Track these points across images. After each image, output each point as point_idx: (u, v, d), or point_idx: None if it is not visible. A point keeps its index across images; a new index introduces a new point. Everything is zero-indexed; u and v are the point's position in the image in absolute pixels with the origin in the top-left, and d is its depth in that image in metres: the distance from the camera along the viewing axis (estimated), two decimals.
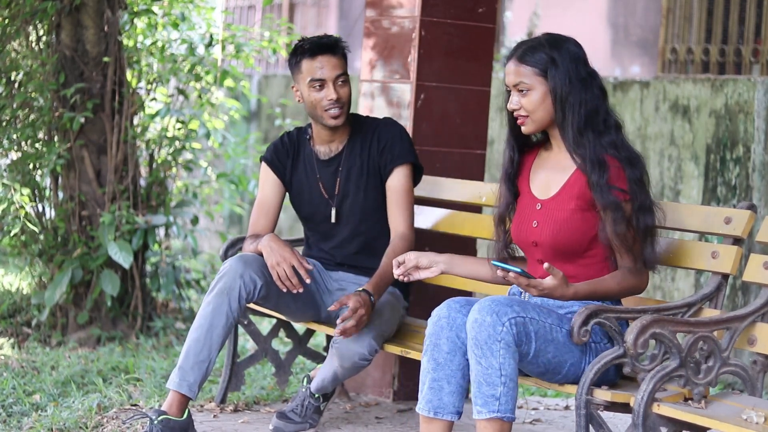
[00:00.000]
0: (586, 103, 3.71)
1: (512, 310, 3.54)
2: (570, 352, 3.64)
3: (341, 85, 4.44)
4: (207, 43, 6.76)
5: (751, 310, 3.68)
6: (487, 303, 3.56)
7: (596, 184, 3.67)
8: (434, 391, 3.69)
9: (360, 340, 4.28)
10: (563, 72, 3.71)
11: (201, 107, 6.85)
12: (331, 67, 4.42)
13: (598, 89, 3.75)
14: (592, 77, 3.75)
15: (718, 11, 6.97)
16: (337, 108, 4.42)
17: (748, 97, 6.10)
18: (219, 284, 4.32)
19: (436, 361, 3.69)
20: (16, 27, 6.36)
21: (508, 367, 3.53)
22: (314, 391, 4.54)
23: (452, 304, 3.71)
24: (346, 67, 4.47)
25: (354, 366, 4.34)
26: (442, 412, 3.69)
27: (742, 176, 6.11)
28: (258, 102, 9.98)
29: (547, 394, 5.64)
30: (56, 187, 6.54)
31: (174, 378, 4.28)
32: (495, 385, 3.53)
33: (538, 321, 3.58)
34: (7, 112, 6.40)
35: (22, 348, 6.21)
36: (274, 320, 5.07)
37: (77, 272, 6.33)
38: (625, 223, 3.66)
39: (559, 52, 3.73)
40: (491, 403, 3.54)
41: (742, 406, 3.55)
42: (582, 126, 3.71)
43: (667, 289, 6.45)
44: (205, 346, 4.28)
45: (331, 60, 4.42)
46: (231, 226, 10.10)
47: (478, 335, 3.53)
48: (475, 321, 3.54)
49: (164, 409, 4.25)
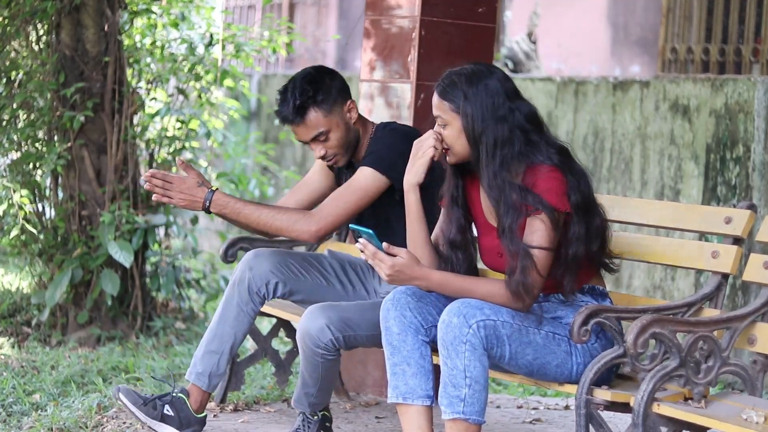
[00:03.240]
0: (502, 142, 3.61)
1: (481, 313, 3.53)
2: (552, 353, 3.63)
3: (323, 140, 4.24)
4: (207, 43, 6.76)
5: (751, 309, 3.69)
6: (457, 305, 3.55)
7: (507, 229, 3.58)
8: (398, 376, 3.71)
9: (312, 321, 4.03)
10: (476, 109, 3.62)
11: (201, 107, 6.85)
12: (302, 133, 4.24)
13: (518, 126, 3.63)
14: (512, 112, 3.63)
15: (718, 10, 6.97)
16: (330, 161, 4.31)
17: (748, 97, 6.10)
18: (232, 276, 4.37)
19: (391, 345, 3.71)
20: (16, 27, 6.36)
21: (473, 369, 3.53)
22: (293, 404, 4.32)
23: (399, 287, 3.73)
24: (322, 120, 4.20)
25: (309, 353, 4.06)
26: (411, 396, 3.69)
27: (742, 176, 6.11)
28: (258, 101, 9.98)
29: (547, 394, 5.64)
30: (56, 186, 6.54)
31: (189, 368, 4.34)
32: (460, 387, 3.54)
33: (511, 324, 3.57)
34: (7, 112, 6.40)
35: (22, 347, 6.21)
36: (274, 320, 5.07)
37: (77, 272, 6.33)
38: (534, 269, 3.55)
39: (476, 89, 3.63)
40: (455, 404, 3.55)
41: (742, 405, 3.55)
42: (496, 168, 3.60)
43: (667, 288, 6.45)
44: (216, 337, 4.30)
45: (297, 129, 4.24)
46: (231, 226, 10.10)
47: (445, 336, 3.54)
48: (443, 322, 3.56)
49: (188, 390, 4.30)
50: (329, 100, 4.23)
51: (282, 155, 9.66)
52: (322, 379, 4.17)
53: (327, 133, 4.23)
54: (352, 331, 4.07)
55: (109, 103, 6.40)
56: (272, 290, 4.35)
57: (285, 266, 4.37)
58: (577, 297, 3.74)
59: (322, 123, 4.22)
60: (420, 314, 3.70)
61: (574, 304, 3.72)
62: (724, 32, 6.94)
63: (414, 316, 3.70)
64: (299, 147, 9.49)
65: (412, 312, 3.70)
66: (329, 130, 4.23)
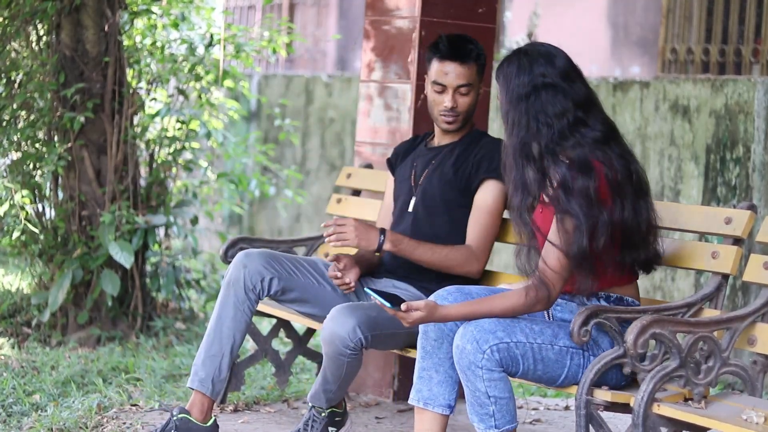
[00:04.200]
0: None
1: (494, 337, 3.53)
2: (563, 367, 3.63)
3: (463, 94, 4.37)
4: (207, 44, 6.76)
5: (751, 310, 3.69)
6: (470, 329, 3.55)
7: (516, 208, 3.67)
8: (423, 381, 3.73)
9: (342, 323, 4.07)
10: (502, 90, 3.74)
11: (201, 107, 6.85)
12: (455, 76, 4.34)
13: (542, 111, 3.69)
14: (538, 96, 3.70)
15: (718, 11, 6.97)
16: (451, 116, 4.38)
17: (748, 97, 6.10)
18: (224, 279, 4.37)
19: (424, 350, 3.74)
20: (16, 27, 6.36)
21: (495, 389, 3.54)
22: (309, 399, 4.38)
23: (441, 293, 3.74)
24: (475, 75, 4.37)
25: (336, 354, 4.10)
26: (433, 403, 3.72)
27: (742, 176, 6.11)
28: (258, 102, 9.98)
29: (547, 395, 5.64)
30: (56, 187, 6.53)
31: (190, 376, 4.31)
32: (486, 405, 3.56)
33: (525, 344, 3.56)
34: (7, 113, 6.39)
35: (22, 348, 6.21)
36: (274, 320, 5.07)
37: (77, 272, 6.33)
38: (547, 266, 3.59)
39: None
40: (487, 420, 3.58)
41: (742, 406, 3.55)
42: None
43: (667, 289, 6.45)
44: (216, 340, 4.30)
45: (457, 68, 4.34)
46: (231, 226, 10.10)
47: (461, 361, 3.55)
48: (456, 347, 3.56)
49: (187, 408, 4.27)
50: (484, 64, 4.45)
51: (282, 155, 9.66)
52: (345, 377, 4.21)
53: (470, 87, 4.38)
54: (379, 330, 4.11)
55: (109, 103, 6.40)
56: (267, 286, 4.35)
57: (278, 263, 4.39)
58: (592, 302, 3.72)
59: (474, 77, 4.39)
60: (460, 323, 3.70)
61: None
62: (724, 33, 6.93)
63: (455, 325, 3.71)
64: (299, 147, 9.50)
65: (453, 321, 3.71)
66: (474, 86, 4.39)
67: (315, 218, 9.29)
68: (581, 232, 3.54)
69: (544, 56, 3.67)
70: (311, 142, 9.44)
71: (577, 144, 3.61)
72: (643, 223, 3.66)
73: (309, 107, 9.50)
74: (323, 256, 5.06)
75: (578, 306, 3.71)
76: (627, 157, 3.68)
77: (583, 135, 3.62)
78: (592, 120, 3.65)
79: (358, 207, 5.13)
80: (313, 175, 9.41)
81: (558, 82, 3.64)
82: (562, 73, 3.66)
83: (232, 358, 4.33)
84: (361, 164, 5.25)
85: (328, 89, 9.32)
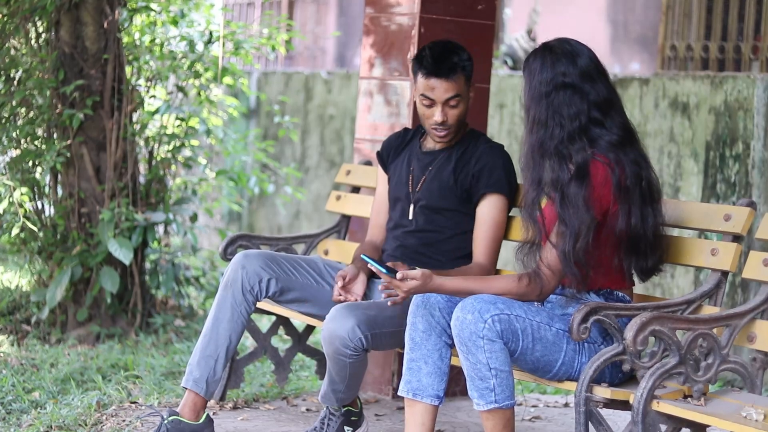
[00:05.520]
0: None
1: (495, 308, 3.56)
2: (560, 351, 3.64)
3: (452, 106, 4.28)
4: (206, 41, 6.76)
5: (751, 307, 3.68)
6: (469, 301, 3.58)
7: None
8: (412, 372, 3.76)
9: (341, 322, 4.03)
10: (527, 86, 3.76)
11: (200, 104, 6.85)
12: (443, 90, 4.25)
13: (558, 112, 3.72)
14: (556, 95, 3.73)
15: (717, 8, 6.97)
16: (443, 131, 4.31)
17: (747, 94, 6.10)
18: (222, 279, 4.36)
19: (413, 341, 3.77)
20: (15, 24, 6.36)
21: (496, 360, 3.56)
22: (320, 400, 4.38)
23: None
24: (463, 85, 4.28)
25: (336, 354, 4.06)
26: (422, 394, 3.75)
27: (741, 173, 6.11)
28: (257, 99, 9.98)
29: (547, 391, 5.64)
30: (55, 184, 6.53)
31: (185, 375, 4.30)
32: (487, 379, 3.57)
33: (524, 319, 3.59)
34: (6, 110, 6.39)
35: (22, 345, 6.21)
36: (273, 317, 5.07)
37: (76, 269, 6.33)
38: (543, 260, 3.65)
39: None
40: (487, 395, 3.59)
41: (741, 403, 3.55)
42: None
43: (667, 286, 6.45)
44: (212, 341, 4.29)
45: (444, 84, 4.24)
46: (230, 223, 10.10)
47: (461, 333, 3.56)
48: (457, 319, 3.58)
49: (177, 409, 4.25)
50: (471, 70, 4.32)
51: (281, 152, 9.66)
52: (350, 377, 4.19)
53: (459, 98, 4.28)
54: (378, 329, 4.09)
55: (108, 100, 6.39)
56: (265, 288, 4.35)
57: (276, 264, 4.38)
58: (591, 296, 3.74)
59: (462, 87, 4.29)
60: (448, 315, 3.74)
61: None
62: (723, 30, 6.93)
63: (442, 317, 3.75)
64: (298, 144, 9.50)
65: (441, 312, 3.74)
66: (463, 95, 4.29)
67: (314, 215, 9.29)
68: (565, 238, 3.60)
69: (567, 55, 3.69)
70: (310, 139, 9.43)
71: (581, 149, 3.63)
72: (650, 230, 3.68)
73: (308, 104, 9.50)
74: (323, 253, 5.06)
75: (569, 300, 3.74)
76: (641, 162, 3.69)
77: (597, 137, 3.64)
78: (609, 122, 3.68)
79: (357, 204, 5.13)
80: (312, 172, 9.41)
81: (577, 82, 3.67)
82: (583, 73, 3.68)
83: (227, 359, 4.32)
84: (361, 161, 5.24)
85: (327, 86, 9.31)
